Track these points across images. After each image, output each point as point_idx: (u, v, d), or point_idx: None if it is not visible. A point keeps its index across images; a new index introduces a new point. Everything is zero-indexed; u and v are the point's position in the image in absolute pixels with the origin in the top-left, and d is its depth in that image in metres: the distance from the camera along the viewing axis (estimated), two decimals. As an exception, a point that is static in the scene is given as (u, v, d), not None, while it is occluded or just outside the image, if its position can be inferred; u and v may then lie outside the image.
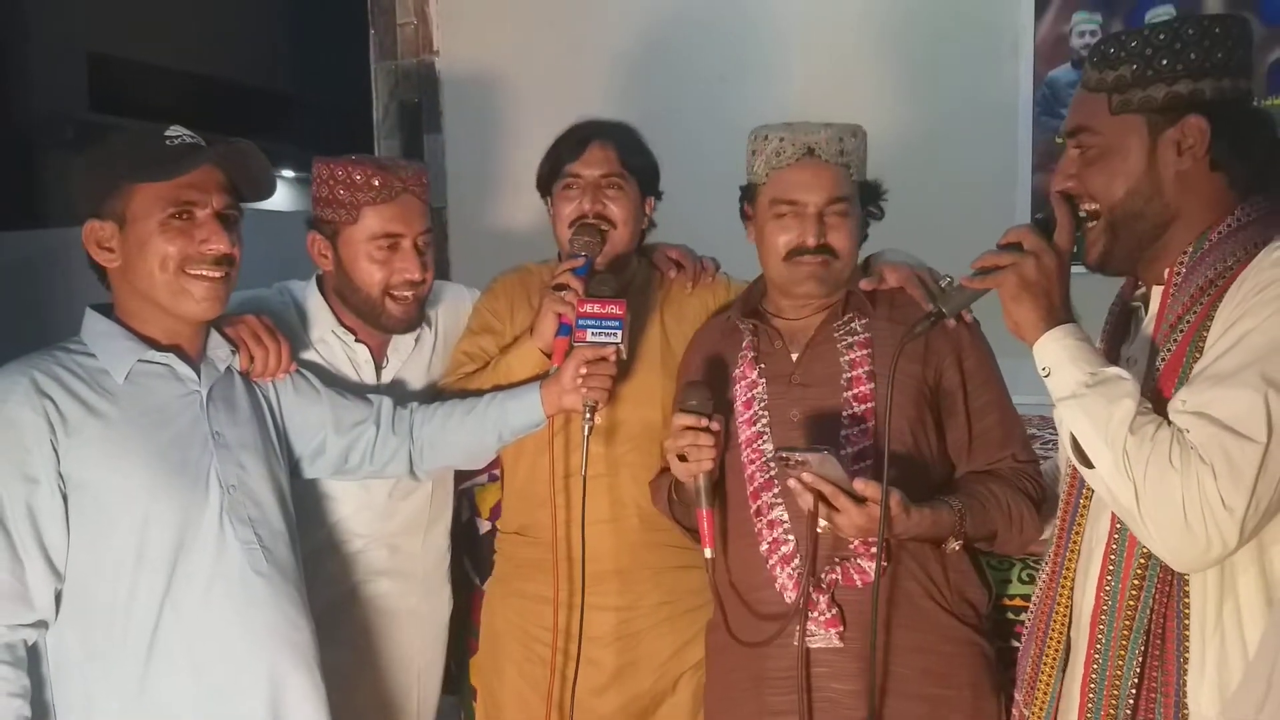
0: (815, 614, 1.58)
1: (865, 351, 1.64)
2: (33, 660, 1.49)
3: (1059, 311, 1.33)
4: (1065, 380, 1.29)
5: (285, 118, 5.60)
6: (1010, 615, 1.70)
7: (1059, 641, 1.41)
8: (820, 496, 1.49)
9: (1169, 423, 1.22)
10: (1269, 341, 1.18)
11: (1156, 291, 1.36)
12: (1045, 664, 1.42)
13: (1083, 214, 1.36)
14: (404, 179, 1.84)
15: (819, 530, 1.54)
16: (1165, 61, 1.27)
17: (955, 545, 1.59)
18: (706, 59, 2.77)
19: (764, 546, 1.65)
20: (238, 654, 1.55)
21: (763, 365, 1.70)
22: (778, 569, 1.63)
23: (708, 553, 1.64)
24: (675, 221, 2.12)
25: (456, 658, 2.12)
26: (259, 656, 1.56)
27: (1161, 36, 1.28)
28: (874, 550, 1.55)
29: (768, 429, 1.66)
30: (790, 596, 1.60)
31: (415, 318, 1.90)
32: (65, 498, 1.47)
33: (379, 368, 1.94)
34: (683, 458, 1.62)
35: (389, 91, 3.27)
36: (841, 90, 2.43)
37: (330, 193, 1.83)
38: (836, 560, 1.59)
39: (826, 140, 1.66)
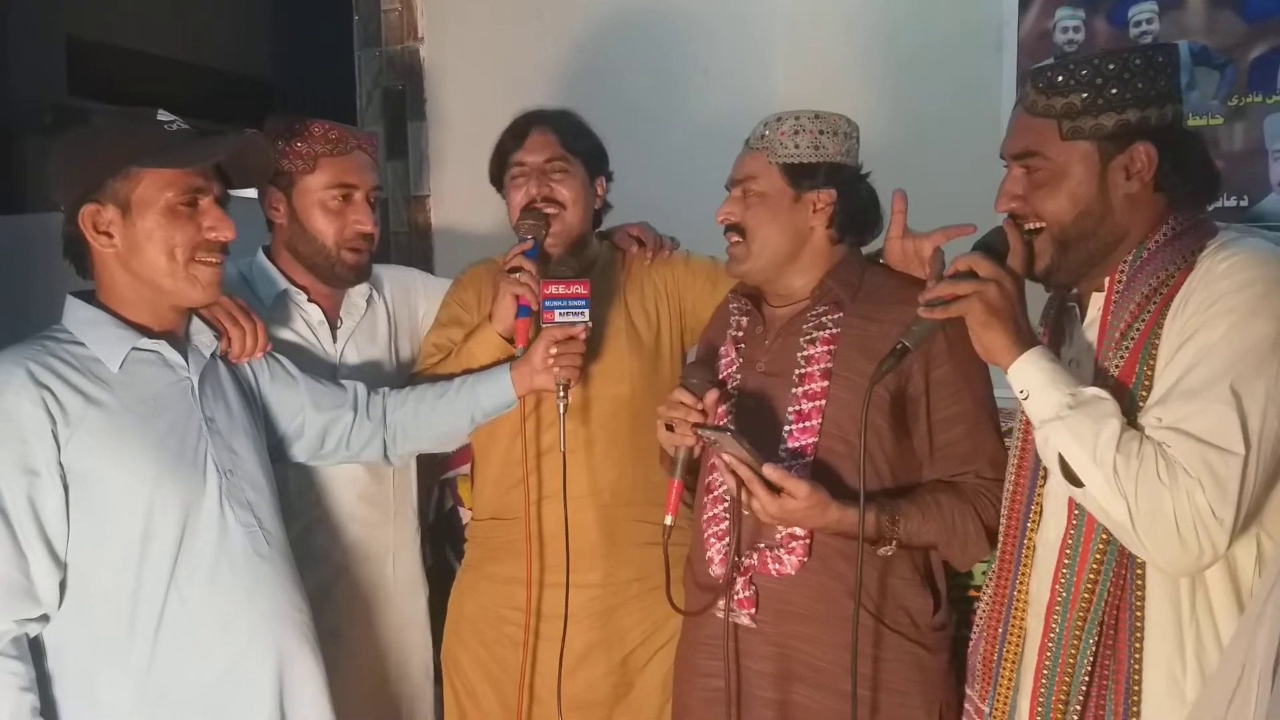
0: (734, 592, 1.63)
1: (826, 348, 1.64)
2: (36, 658, 1.48)
3: (1026, 334, 1.37)
4: (1046, 403, 1.32)
5: (267, 104, 5.55)
6: (976, 606, 1.73)
7: (1019, 635, 1.44)
8: (740, 480, 1.53)
9: (1147, 438, 1.26)
10: (1233, 354, 1.23)
11: (1096, 298, 1.41)
12: (1006, 657, 1.45)
13: (1028, 230, 1.41)
14: (357, 137, 1.95)
15: (745, 513, 1.59)
16: (1115, 91, 1.34)
17: (888, 549, 1.59)
18: (690, 51, 2.77)
19: (705, 517, 1.71)
20: (245, 637, 1.56)
21: (741, 347, 1.73)
22: (712, 542, 1.69)
23: (668, 519, 1.69)
24: (656, 216, 2.13)
25: (439, 647, 2.13)
26: (265, 638, 1.58)
27: (1111, 66, 1.35)
28: (794, 545, 1.60)
29: (733, 410, 1.69)
30: (716, 571, 1.67)
31: (367, 267, 1.97)
32: (66, 488, 1.47)
33: (333, 328, 1.97)
34: (671, 429, 1.67)
35: (373, 78, 3.26)
36: (824, 85, 2.43)
37: (287, 145, 1.88)
38: (760, 546, 1.62)
39: (757, 129, 1.71)
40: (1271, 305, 1.25)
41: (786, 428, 1.64)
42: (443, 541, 2.21)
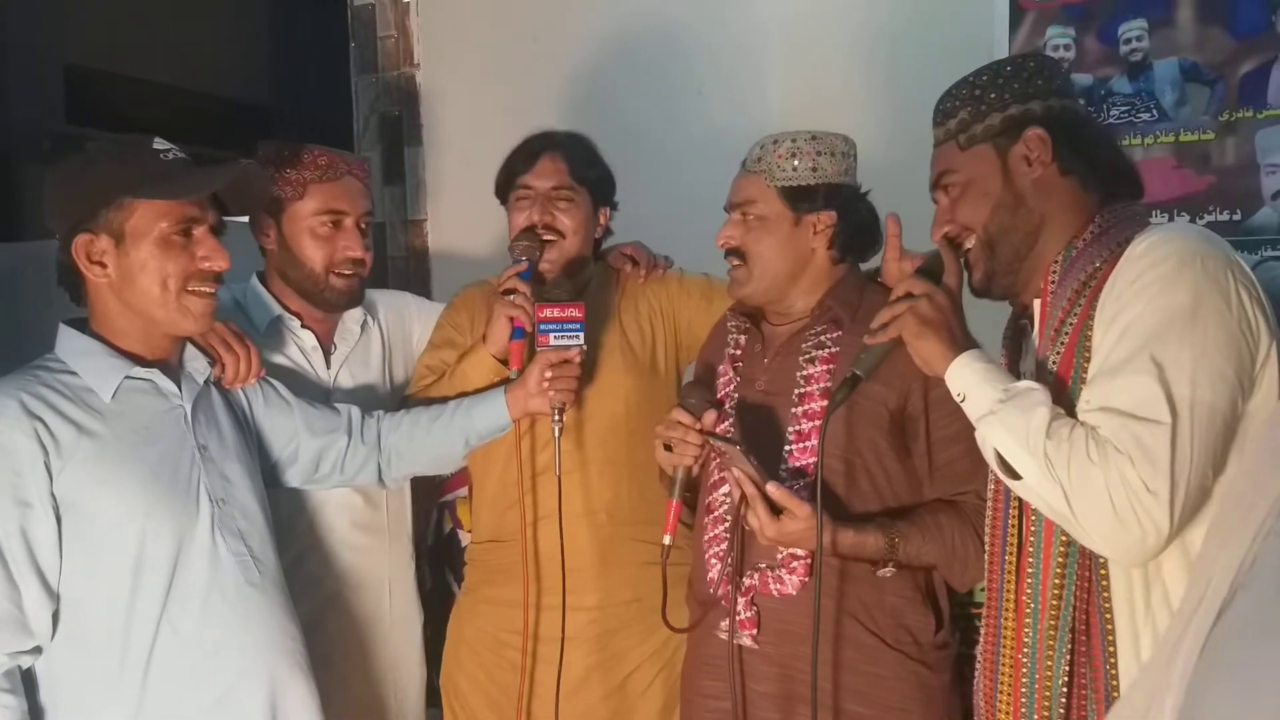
0: (736, 613, 1.62)
1: (825, 367, 1.63)
2: (28, 690, 1.47)
3: (961, 341, 1.40)
4: (980, 400, 1.34)
5: (264, 130, 5.57)
6: (978, 623, 1.71)
7: (1010, 659, 1.41)
8: (744, 497, 1.53)
9: (1081, 422, 1.27)
10: (1151, 326, 1.24)
11: (1038, 305, 1.43)
12: (1002, 683, 1.41)
13: (964, 250, 1.46)
14: (348, 163, 1.93)
15: (746, 529, 1.58)
16: (993, 95, 1.43)
17: (887, 571, 1.59)
18: (685, 70, 2.79)
19: (705, 538, 1.70)
20: (237, 667, 1.55)
21: (739, 365, 1.73)
22: (712, 561, 1.68)
23: (666, 539, 1.69)
24: (653, 235, 2.14)
25: (438, 670, 2.11)
26: (258, 668, 1.56)
27: (984, 77, 1.45)
28: (794, 565, 1.60)
29: (731, 429, 1.69)
30: (716, 590, 1.66)
31: (358, 292, 1.96)
32: (59, 519, 1.46)
33: (327, 354, 1.96)
34: (669, 448, 1.67)
35: (369, 104, 3.27)
36: (818, 102, 2.45)
37: (278, 172, 1.87)
38: (761, 566, 1.62)
39: (753, 150, 1.71)
40: (1186, 275, 1.25)
41: (787, 447, 1.63)
42: (442, 565, 2.20)
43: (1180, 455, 1.20)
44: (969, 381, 1.36)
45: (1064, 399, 1.32)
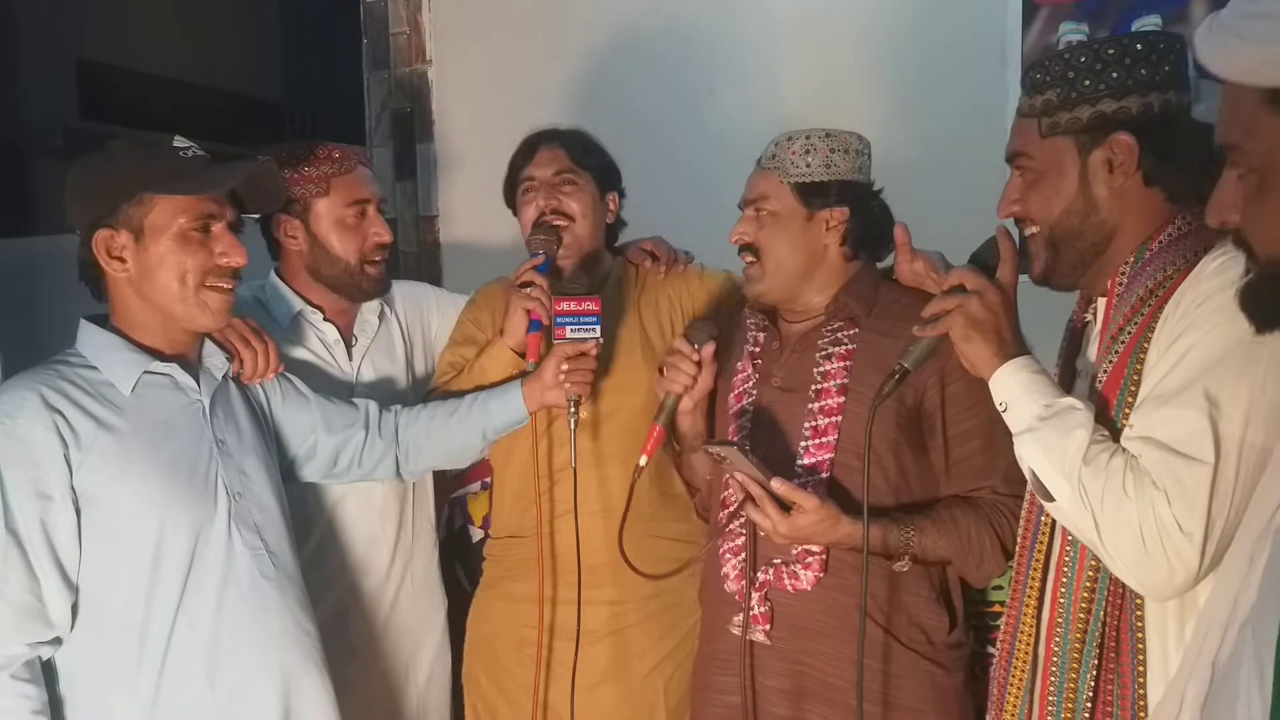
0: (749, 608, 1.63)
1: (843, 364, 1.63)
2: (48, 681, 1.48)
3: (1010, 346, 1.34)
4: (1021, 414, 1.30)
5: (277, 126, 5.59)
6: (990, 621, 1.70)
7: (1025, 659, 1.39)
8: (751, 498, 1.53)
9: (1122, 449, 1.22)
10: (1209, 357, 1.18)
11: (1102, 302, 1.37)
12: (1013, 681, 1.40)
13: (1026, 234, 1.38)
14: (355, 154, 1.98)
15: (760, 533, 1.59)
16: (1087, 82, 1.30)
17: (903, 565, 1.59)
18: (696, 68, 2.79)
19: (720, 533, 1.70)
20: (251, 659, 1.56)
21: (758, 362, 1.73)
22: (727, 557, 1.68)
23: (642, 460, 1.74)
24: (663, 233, 2.14)
25: (453, 665, 2.12)
26: (272, 660, 1.58)
27: (1082, 59, 1.32)
28: (809, 560, 1.60)
29: (748, 425, 1.69)
30: (730, 586, 1.67)
31: (388, 279, 2.00)
32: (78, 512, 1.47)
33: (349, 345, 1.98)
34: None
35: (381, 100, 3.28)
36: (830, 101, 2.44)
37: (295, 172, 1.89)
38: (776, 562, 1.62)
39: (768, 148, 1.71)
40: None
41: (803, 444, 1.63)
42: (452, 560, 2.21)
43: (1220, 496, 1.15)
44: (1012, 393, 1.31)
45: (1108, 412, 1.27)
